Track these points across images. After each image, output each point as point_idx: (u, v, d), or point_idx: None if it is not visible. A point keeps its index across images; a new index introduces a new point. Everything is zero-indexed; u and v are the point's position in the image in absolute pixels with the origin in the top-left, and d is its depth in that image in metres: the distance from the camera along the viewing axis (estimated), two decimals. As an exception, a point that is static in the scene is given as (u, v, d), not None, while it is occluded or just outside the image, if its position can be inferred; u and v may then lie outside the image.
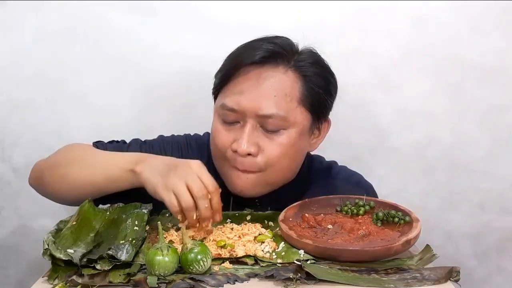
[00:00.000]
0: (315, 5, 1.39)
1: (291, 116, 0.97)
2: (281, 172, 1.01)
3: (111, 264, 0.80)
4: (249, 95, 0.96)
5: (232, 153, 0.98)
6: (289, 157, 1.00)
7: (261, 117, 0.96)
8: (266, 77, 0.96)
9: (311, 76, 0.99)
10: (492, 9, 1.39)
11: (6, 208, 1.51)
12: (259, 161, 0.97)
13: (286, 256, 0.86)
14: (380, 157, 1.48)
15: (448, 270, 0.81)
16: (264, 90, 0.96)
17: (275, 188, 1.04)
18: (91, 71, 1.43)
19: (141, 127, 1.44)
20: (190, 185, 0.86)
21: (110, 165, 0.98)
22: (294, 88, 0.98)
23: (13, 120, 1.45)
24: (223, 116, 1.00)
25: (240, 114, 0.97)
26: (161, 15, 1.40)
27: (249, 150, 0.96)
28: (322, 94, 1.00)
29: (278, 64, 0.98)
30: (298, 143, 1.00)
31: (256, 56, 0.96)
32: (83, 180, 0.99)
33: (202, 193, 0.86)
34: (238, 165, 0.98)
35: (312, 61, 1.01)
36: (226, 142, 0.99)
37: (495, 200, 1.49)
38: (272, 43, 0.99)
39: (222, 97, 1.00)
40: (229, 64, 1.01)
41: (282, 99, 0.96)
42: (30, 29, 1.40)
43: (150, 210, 0.99)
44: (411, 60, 1.42)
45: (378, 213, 0.97)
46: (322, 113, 1.03)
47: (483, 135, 1.46)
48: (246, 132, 0.96)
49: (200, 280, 0.78)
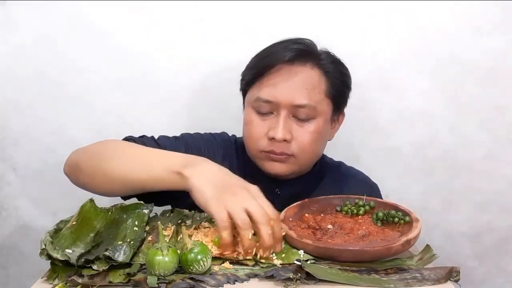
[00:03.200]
0: (315, 5, 1.39)
1: (319, 106, 1.08)
2: (310, 156, 1.12)
3: (108, 264, 0.80)
4: (283, 88, 1.06)
5: (268, 141, 1.07)
6: (317, 142, 1.11)
7: (294, 107, 1.07)
8: (296, 73, 1.07)
9: (332, 72, 1.11)
10: (492, 9, 1.39)
11: (6, 208, 1.51)
12: (293, 147, 1.08)
13: (286, 256, 0.86)
14: (380, 157, 1.48)
15: (448, 270, 0.81)
16: (296, 84, 1.07)
17: (303, 171, 1.15)
18: (91, 71, 1.43)
19: (141, 127, 1.43)
20: (252, 210, 0.83)
21: (155, 164, 0.94)
22: (321, 82, 1.09)
23: (13, 120, 1.45)
24: (258, 108, 1.09)
25: (274, 105, 1.07)
26: (161, 15, 1.40)
27: (285, 137, 1.06)
28: (342, 87, 1.13)
29: (306, 61, 1.08)
30: (324, 130, 1.12)
31: (287, 56, 1.07)
32: (124, 175, 0.95)
33: (265, 219, 0.83)
34: (275, 148, 1.07)
35: (331, 60, 1.13)
36: (262, 130, 1.08)
37: (495, 200, 1.49)
38: (299, 43, 1.10)
39: (256, 91, 1.09)
40: (261, 63, 1.10)
41: (312, 91, 1.07)
42: (30, 29, 1.40)
43: (151, 211, 0.99)
44: (411, 60, 1.42)
45: (378, 213, 0.97)
46: (342, 104, 1.15)
47: (483, 135, 1.46)
48: (281, 120, 1.06)
49: (200, 280, 0.78)
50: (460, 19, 1.40)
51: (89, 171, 1.00)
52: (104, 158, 0.99)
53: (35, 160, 1.47)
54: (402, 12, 1.40)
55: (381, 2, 1.39)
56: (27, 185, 1.49)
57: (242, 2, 1.39)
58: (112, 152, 1.00)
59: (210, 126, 1.30)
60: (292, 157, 1.08)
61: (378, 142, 1.47)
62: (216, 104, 1.44)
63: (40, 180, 1.47)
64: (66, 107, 1.44)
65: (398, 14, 1.40)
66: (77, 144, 1.28)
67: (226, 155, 1.18)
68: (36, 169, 1.47)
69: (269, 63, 1.08)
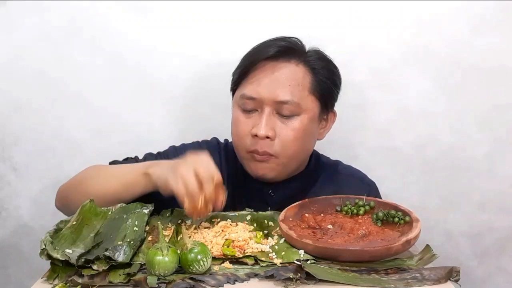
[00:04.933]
0: (315, 5, 1.39)
1: (303, 103, 1.07)
2: (293, 155, 1.10)
3: (108, 264, 0.80)
4: (266, 85, 1.07)
5: (252, 139, 1.07)
6: (301, 140, 1.09)
7: (277, 103, 1.06)
8: (280, 69, 1.07)
9: (319, 69, 1.10)
10: (492, 9, 1.39)
11: (6, 208, 1.51)
12: (275, 144, 1.07)
13: (286, 256, 0.86)
14: (380, 157, 1.48)
15: (448, 270, 0.81)
16: (280, 80, 1.07)
17: (290, 172, 1.13)
18: (91, 71, 1.43)
19: (141, 127, 1.44)
20: (197, 169, 0.90)
21: (125, 173, 1.04)
22: (305, 79, 1.08)
23: (13, 120, 1.45)
24: (242, 106, 1.09)
25: (258, 102, 1.07)
26: (161, 15, 1.40)
27: (267, 133, 1.06)
28: (329, 84, 1.11)
29: (291, 58, 1.08)
30: (309, 128, 1.10)
31: (270, 52, 1.07)
32: (103, 191, 1.03)
33: (208, 176, 0.90)
34: (258, 147, 1.07)
35: (319, 57, 1.12)
36: (246, 128, 1.08)
37: (495, 200, 1.49)
38: (284, 40, 1.10)
39: (241, 88, 1.10)
40: (247, 60, 1.11)
41: (296, 88, 1.07)
42: (30, 29, 1.40)
43: (151, 211, 1.00)
44: (411, 60, 1.42)
45: (378, 213, 0.97)
46: (329, 102, 1.14)
47: (483, 135, 1.46)
48: (264, 117, 1.06)
49: (200, 280, 0.78)
50: (460, 19, 1.40)
51: (75, 199, 1.05)
52: (85, 183, 1.08)
53: (35, 160, 1.47)
54: (402, 12, 1.40)
55: (381, 2, 1.39)
56: (27, 185, 1.49)
57: (242, 2, 1.39)
58: (91, 176, 1.09)
59: (209, 126, 1.30)
60: (274, 157, 1.08)
61: (378, 142, 1.47)
62: (216, 104, 1.44)
63: (40, 180, 1.47)
64: (66, 107, 1.44)
65: (398, 14, 1.40)
66: (77, 144, 1.29)
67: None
68: (36, 169, 1.47)
69: (253, 60, 1.08)
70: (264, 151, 1.07)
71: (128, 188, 1.01)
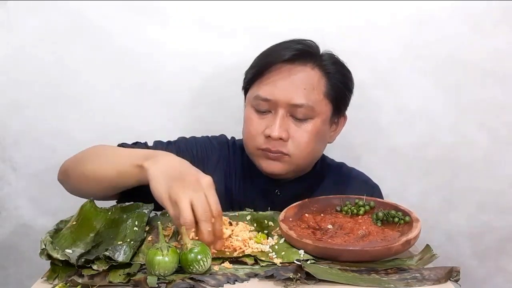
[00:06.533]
0: (315, 5, 1.39)
1: (317, 106, 1.08)
2: (306, 156, 1.11)
3: (108, 264, 0.80)
4: (282, 87, 1.07)
5: (265, 139, 1.08)
6: (314, 143, 1.10)
7: (292, 106, 1.07)
8: (296, 72, 1.08)
9: (333, 73, 1.11)
10: (492, 9, 1.39)
11: (6, 208, 1.51)
12: (289, 146, 1.08)
13: (286, 256, 0.86)
14: (380, 157, 1.48)
15: (448, 270, 0.81)
16: (296, 83, 1.07)
17: (299, 172, 1.14)
18: (91, 71, 1.43)
19: (142, 127, 1.44)
20: (195, 204, 0.85)
21: (122, 160, 0.99)
22: (320, 83, 1.09)
23: (13, 120, 1.45)
24: (256, 106, 1.09)
25: (273, 103, 1.07)
26: (162, 15, 1.40)
27: (281, 135, 1.06)
28: (343, 89, 1.13)
29: (307, 62, 1.09)
30: (322, 131, 1.11)
31: (287, 55, 1.07)
32: (98, 175, 1.01)
33: (206, 216, 0.85)
34: (271, 146, 1.07)
35: (333, 61, 1.12)
36: (259, 128, 1.09)
37: (495, 200, 1.49)
38: (300, 43, 1.10)
39: (256, 89, 1.10)
40: (262, 61, 1.11)
41: (311, 92, 1.07)
42: (30, 29, 1.40)
43: (151, 211, 0.99)
44: (411, 60, 1.42)
45: (378, 213, 0.97)
46: (342, 106, 1.15)
47: (483, 135, 1.46)
48: (278, 119, 1.07)
49: (200, 280, 0.78)
50: (460, 19, 1.40)
51: (73, 176, 1.05)
52: (83, 163, 1.05)
53: (35, 160, 1.47)
54: (402, 12, 1.40)
55: (382, 2, 1.39)
56: (27, 185, 1.49)
57: (242, 2, 1.39)
58: (91, 156, 1.06)
59: (210, 127, 1.30)
60: (288, 156, 1.08)
61: (378, 142, 1.48)
62: (216, 104, 1.44)
63: (40, 180, 1.47)
64: (66, 107, 1.44)
65: (399, 14, 1.40)
66: (77, 144, 1.28)
67: (221, 157, 1.19)
68: (36, 169, 1.47)
69: (269, 62, 1.08)
70: (277, 150, 1.07)
71: (122, 177, 0.97)
